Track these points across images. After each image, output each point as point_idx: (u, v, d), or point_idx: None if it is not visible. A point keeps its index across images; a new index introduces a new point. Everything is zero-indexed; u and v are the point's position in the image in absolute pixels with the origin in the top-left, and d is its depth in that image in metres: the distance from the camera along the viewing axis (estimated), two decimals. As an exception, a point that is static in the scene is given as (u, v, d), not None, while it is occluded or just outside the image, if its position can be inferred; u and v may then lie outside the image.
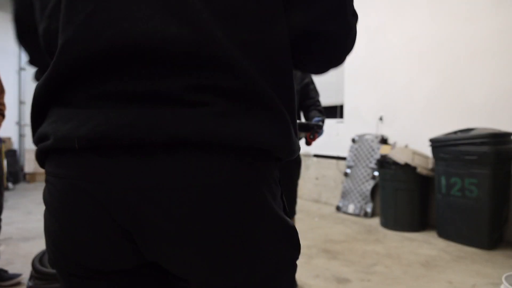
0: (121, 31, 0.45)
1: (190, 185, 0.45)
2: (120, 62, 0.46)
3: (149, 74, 0.45)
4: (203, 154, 0.45)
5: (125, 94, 0.46)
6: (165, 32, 0.44)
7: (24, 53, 0.65)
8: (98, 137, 0.46)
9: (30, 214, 4.34)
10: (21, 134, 7.01)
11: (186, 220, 0.46)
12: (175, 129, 0.44)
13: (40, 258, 1.90)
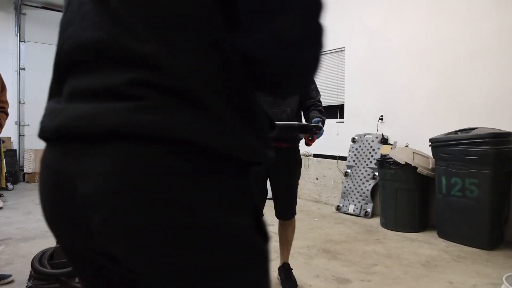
0: (74, 42, 0.55)
1: (110, 172, 0.48)
2: (81, 66, 0.55)
3: (100, 73, 0.51)
4: (128, 145, 0.48)
5: (85, 91, 0.53)
6: (99, 38, 0.51)
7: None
8: (60, 128, 0.53)
9: (29, 214, 4.33)
10: (20, 134, 7.00)
11: (105, 205, 0.48)
12: (107, 121, 0.47)
13: (40, 258, 1.90)
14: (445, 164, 3.43)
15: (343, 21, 5.12)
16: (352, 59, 5.03)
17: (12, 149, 6.76)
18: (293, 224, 2.41)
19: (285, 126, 1.86)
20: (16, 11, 6.78)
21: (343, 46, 5.13)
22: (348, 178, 4.79)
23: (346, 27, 5.08)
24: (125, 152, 0.48)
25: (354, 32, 4.97)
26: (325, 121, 2.19)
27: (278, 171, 2.22)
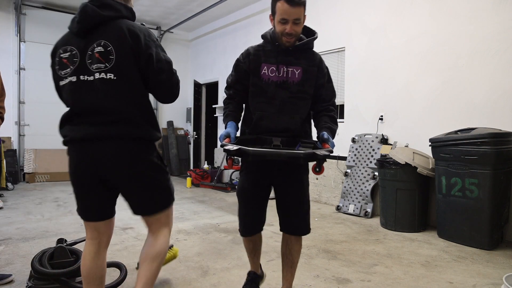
0: (83, 104, 1.58)
1: (113, 153, 1.55)
2: (86, 113, 1.57)
3: (96, 116, 1.55)
4: (118, 140, 1.55)
5: (88, 122, 1.55)
6: (93, 103, 1.56)
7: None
8: (82, 137, 1.54)
9: (29, 214, 4.33)
10: (20, 134, 7.00)
11: (113, 159, 1.56)
12: (105, 132, 1.54)
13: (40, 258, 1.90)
14: (445, 164, 3.44)
15: (343, 21, 5.12)
16: (352, 59, 5.03)
17: (12, 149, 6.76)
18: (299, 243, 1.97)
19: (288, 155, 1.53)
20: (16, 11, 6.78)
21: (343, 46, 5.13)
22: (348, 178, 4.80)
23: (346, 27, 5.08)
24: (117, 143, 1.55)
25: (354, 32, 4.97)
26: (336, 131, 1.85)
27: (283, 177, 1.85)
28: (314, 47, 1.92)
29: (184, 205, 5.04)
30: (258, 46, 1.92)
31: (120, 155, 1.54)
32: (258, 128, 1.84)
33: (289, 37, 1.77)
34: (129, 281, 2.43)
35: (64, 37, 1.71)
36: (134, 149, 1.57)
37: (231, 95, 1.96)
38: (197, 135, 8.37)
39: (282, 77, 1.83)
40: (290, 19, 1.72)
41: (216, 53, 7.85)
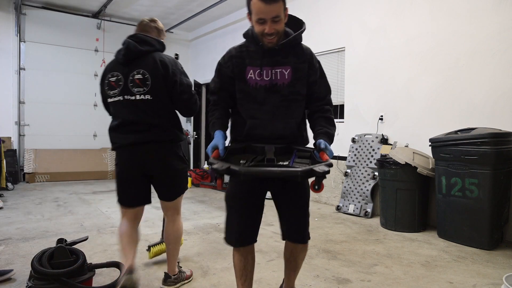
0: (128, 118, 2.11)
1: (153, 152, 2.12)
2: (131, 124, 2.11)
3: (139, 126, 2.10)
4: (155, 143, 2.12)
5: (133, 131, 2.09)
6: (136, 117, 2.11)
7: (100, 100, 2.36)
8: (131, 142, 2.09)
9: (29, 214, 4.33)
10: (20, 134, 7.00)
11: (153, 158, 2.14)
12: (146, 138, 2.10)
13: (40, 258, 1.90)
14: (445, 164, 3.44)
15: (343, 21, 5.12)
16: (352, 59, 5.03)
17: (12, 149, 6.75)
18: (306, 249, 1.84)
19: (284, 174, 1.42)
20: (16, 11, 6.78)
21: (343, 46, 5.13)
22: (348, 178, 4.79)
23: (346, 27, 5.08)
24: (154, 145, 2.12)
25: (354, 32, 4.97)
26: (333, 135, 1.71)
27: (283, 183, 1.71)
28: (302, 40, 1.74)
29: (184, 205, 5.03)
30: (240, 46, 1.73)
31: (158, 152, 2.11)
32: (251, 137, 1.68)
33: (270, 37, 1.59)
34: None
35: (112, 64, 2.22)
36: (166, 147, 2.14)
37: (216, 101, 1.79)
38: (197, 135, 8.37)
39: (271, 80, 1.66)
40: (268, 18, 1.54)
41: (216, 53, 7.84)
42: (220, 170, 1.33)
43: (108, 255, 2.97)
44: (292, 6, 5.82)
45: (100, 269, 2.53)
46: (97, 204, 4.98)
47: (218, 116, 1.75)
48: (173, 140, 2.17)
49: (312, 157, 1.58)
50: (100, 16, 7.49)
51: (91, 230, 3.67)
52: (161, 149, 2.12)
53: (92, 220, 4.12)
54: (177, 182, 2.25)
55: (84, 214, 4.42)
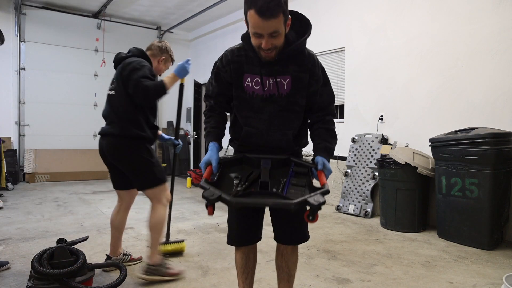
0: (103, 111, 2.59)
1: (109, 144, 2.41)
2: (103, 117, 2.56)
3: (105, 120, 2.54)
4: (112, 136, 2.41)
5: (105, 123, 2.52)
6: (104, 110, 2.57)
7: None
8: (99, 133, 2.53)
9: (29, 214, 4.33)
10: (20, 134, 7.00)
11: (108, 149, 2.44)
12: (106, 130, 2.46)
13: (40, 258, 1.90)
14: (445, 164, 3.43)
15: (343, 21, 5.12)
16: (352, 59, 5.03)
17: (12, 149, 6.75)
18: (296, 253, 1.77)
19: (276, 205, 1.36)
20: (16, 11, 6.78)
21: (343, 46, 5.13)
22: (348, 178, 4.79)
23: (346, 27, 5.08)
24: (110, 137, 2.41)
25: (354, 32, 4.97)
26: (334, 149, 1.64)
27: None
28: (306, 45, 1.60)
29: (184, 205, 5.04)
30: (239, 50, 1.60)
31: (110, 146, 2.40)
32: (247, 144, 1.64)
33: (267, 52, 1.45)
34: (129, 281, 2.42)
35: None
36: (119, 142, 2.37)
37: (213, 107, 1.71)
38: (197, 135, 8.36)
39: (269, 90, 1.56)
40: (265, 33, 1.39)
41: (216, 53, 7.84)
42: (210, 200, 1.25)
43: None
44: (292, 6, 5.81)
45: (100, 269, 2.53)
46: (97, 204, 4.98)
47: (213, 124, 1.68)
48: (126, 135, 2.36)
49: (310, 174, 1.53)
50: (100, 16, 7.49)
51: (91, 230, 3.67)
52: (114, 143, 2.38)
53: (92, 220, 4.12)
54: (138, 174, 2.42)
55: (84, 214, 4.42)
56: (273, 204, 1.34)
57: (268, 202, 1.34)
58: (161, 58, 2.64)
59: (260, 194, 1.40)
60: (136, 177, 2.45)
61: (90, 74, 7.60)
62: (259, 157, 1.58)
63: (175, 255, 2.95)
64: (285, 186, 1.46)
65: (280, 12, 1.35)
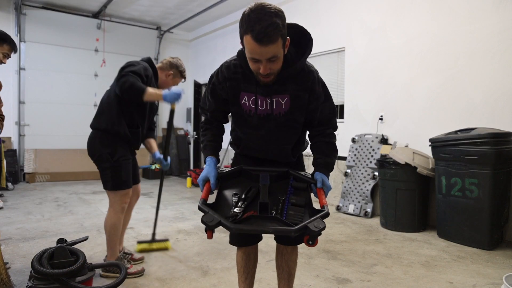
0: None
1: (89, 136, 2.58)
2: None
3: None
4: (92, 128, 2.55)
5: None
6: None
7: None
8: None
9: (29, 214, 4.33)
10: (20, 134, 7.00)
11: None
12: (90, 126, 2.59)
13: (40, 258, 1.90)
14: (445, 164, 3.43)
15: (343, 21, 5.12)
16: (352, 59, 5.03)
17: (12, 149, 6.75)
18: (296, 253, 1.78)
19: (276, 232, 1.38)
20: (16, 11, 6.78)
21: (343, 46, 5.13)
22: (348, 178, 4.79)
23: (346, 27, 5.08)
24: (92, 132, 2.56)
25: (354, 32, 4.97)
26: (333, 163, 1.64)
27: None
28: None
29: (184, 205, 5.04)
30: (235, 67, 1.52)
31: (88, 137, 2.57)
32: (245, 155, 1.68)
33: (265, 77, 1.40)
34: (129, 281, 2.43)
35: None
36: (93, 134, 2.51)
37: (209, 120, 1.70)
38: (197, 135, 8.37)
39: (266, 109, 1.52)
40: (263, 59, 1.33)
41: (216, 53, 7.85)
42: (210, 226, 1.25)
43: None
44: (292, 6, 5.85)
45: (100, 269, 2.53)
46: (97, 204, 4.98)
47: (210, 138, 1.66)
48: (101, 129, 2.43)
49: (309, 189, 1.54)
50: (100, 16, 7.49)
51: (91, 230, 3.67)
52: (91, 134, 2.52)
53: (92, 220, 4.13)
54: (100, 171, 2.47)
55: (84, 214, 4.42)
56: (273, 231, 1.34)
57: (268, 229, 1.33)
58: (169, 73, 2.68)
59: (259, 218, 1.38)
60: (100, 172, 2.47)
61: (90, 74, 7.60)
62: (257, 169, 1.57)
63: (175, 256, 2.96)
64: (284, 206, 1.45)
65: (279, 37, 1.29)
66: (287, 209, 1.43)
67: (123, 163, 2.44)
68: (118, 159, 2.42)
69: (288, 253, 1.76)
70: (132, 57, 8.10)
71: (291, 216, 1.39)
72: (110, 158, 2.40)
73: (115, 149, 2.42)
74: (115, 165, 2.41)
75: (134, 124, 2.50)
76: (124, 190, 2.47)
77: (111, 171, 2.41)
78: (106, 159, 2.40)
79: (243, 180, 1.58)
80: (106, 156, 2.40)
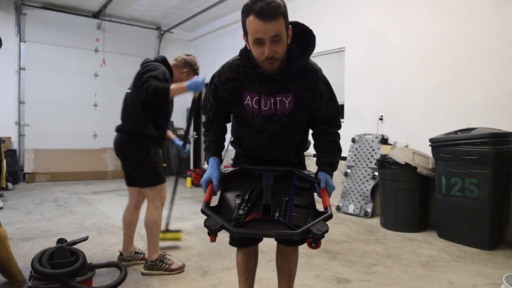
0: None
1: (117, 139, 2.59)
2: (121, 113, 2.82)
3: (121, 115, 2.73)
4: (120, 132, 2.58)
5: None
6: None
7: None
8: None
9: (29, 214, 4.33)
10: (20, 134, 7.00)
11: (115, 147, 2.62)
12: (118, 127, 2.61)
13: (40, 258, 1.90)
14: (445, 164, 3.43)
15: (343, 21, 5.12)
16: (352, 59, 5.03)
17: (12, 149, 6.75)
18: (296, 253, 1.78)
19: (279, 235, 1.40)
20: (16, 11, 6.78)
21: (343, 46, 5.13)
22: (348, 178, 4.79)
23: (346, 27, 5.08)
24: (120, 134, 2.58)
25: (354, 32, 4.97)
26: (337, 162, 1.62)
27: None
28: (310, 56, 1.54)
29: (184, 205, 5.04)
30: (237, 67, 1.51)
31: (117, 141, 2.57)
32: (247, 155, 1.69)
33: (270, 61, 1.37)
34: (129, 281, 2.43)
35: None
36: (124, 137, 2.54)
37: (211, 120, 1.70)
38: (197, 135, 8.37)
39: (270, 110, 1.50)
40: (267, 38, 1.31)
41: (216, 53, 7.85)
42: (213, 230, 1.26)
43: (108, 255, 2.97)
44: (292, 6, 5.85)
45: (100, 269, 2.53)
46: (97, 204, 4.98)
47: (212, 138, 1.66)
48: (131, 133, 2.51)
49: (312, 189, 1.53)
50: (100, 16, 7.49)
51: (91, 230, 3.67)
52: (121, 138, 2.55)
53: (92, 220, 4.12)
54: (136, 171, 2.56)
55: (84, 214, 4.42)
56: (276, 235, 1.33)
57: (271, 233, 1.32)
58: (183, 70, 2.73)
59: (262, 221, 1.37)
60: (135, 173, 2.58)
61: (90, 74, 7.59)
62: (260, 169, 1.56)
63: (175, 256, 2.96)
64: (288, 207, 1.44)
65: (281, 15, 1.30)
66: (290, 210, 1.42)
67: (157, 159, 2.58)
68: (153, 157, 2.54)
69: (288, 253, 1.76)
70: (132, 57, 8.18)
71: (294, 218, 1.38)
72: (146, 157, 2.50)
73: (148, 148, 2.53)
74: (152, 162, 2.52)
75: (159, 126, 2.59)
76: (162, 185, 2.60)
77: (149, 169, 2.52)
78: (142, 159, 2.50)
79: (246, 180, 1.57)
80: (142, 156, 2.50)
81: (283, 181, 1.55)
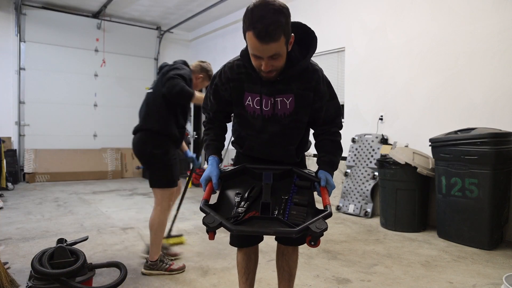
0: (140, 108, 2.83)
1: (136, 137, 2.60)
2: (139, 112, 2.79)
3: (140, 114, 2.70)
4: (140, 130, 2.58)
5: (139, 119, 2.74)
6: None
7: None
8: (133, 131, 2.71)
9: (29, 214, 4.33)
10: (20, 134, 7.00)
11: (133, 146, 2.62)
12: (137, 126, 2.62)
13: (40, 258, 1.90)
14: (445, 164, 3.43)
15: (343, 21, 5.12)
16: (352, 59, 5.03)
17: (12, 149, 6.75)
18: (297, 253, 1.79)
19: (278, 233, 1.39)
20: (16, 11, 6.78)
21: (343, 46, 5.13)
22: (348, 178, 4.79)
23: (346, 27, 5.08)
24: (139, 133, 2.58)
25: (354, 32, 4.97)
26: (338, 162, 1.62)
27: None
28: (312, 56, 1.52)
29: (184, 205, 5.02)
30: (238, 67, 1.51)
31: (136, 139, 2.57)
32: (247, 154, 1.69)
33: (268, 73, 1.38)
34: (129, 281, 2.42)
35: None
36: (144, 135, 2.52)
37: (211, 119, 1.70)
38: (197, 135, 8.36)
39: (270, 110, 1.50)
40: (264, 56, 1.32)
41: (216, 53, 7.85)
42: (211, 227, 1.25)
43: (108, 255, 2.97)
44: (292, 6, 5.84)
45: (100, 269, 2.53)
46: (97, 204, 4.98)
47: (212, 137, 1.66)
48: (154, 131, 2.50)
49: (312, 188, 1.53)
50: (100, 16, 7.49)
51: (91, 230, 3.67)
52: (142, 135, 2.53)
53: (92, 220, 4.13)
54: (149, 170, 2.55)
55: (84, 214, 4.42)
56: (274, 232, 1.32)
57: (269, 231, 1.31)
58: (199, 76, 2.84)
59: (261, 219, 1.37)
60: (150, 172, 2.56)
61: (90, 74, 7.60)
62: (260, 168, 1.55)
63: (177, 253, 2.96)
64: (287, 205, 1.43)
65: (281, 35, 1.28)
66: (290, 208, 1.42)
67: (174, 162, 2.56)
68: (170, 158, 2.53)
69: (289, 253, 1.76)
70: (132, 57, 8.18)
71: (293, 216, 1.38)
72: (163, 157, 2.49)
73: (168, 149, 2.52)
74: (168, 164, 2.52)
75: (180, 124, 2.61)
76: (173, 188, 2.61)
77: (164, 170, 2.51)
78: (159, 159, 2.49)
79: (245, 178, 1.57)
80: (160, 156, 2.48)
81: (283, 180, 1.55)
